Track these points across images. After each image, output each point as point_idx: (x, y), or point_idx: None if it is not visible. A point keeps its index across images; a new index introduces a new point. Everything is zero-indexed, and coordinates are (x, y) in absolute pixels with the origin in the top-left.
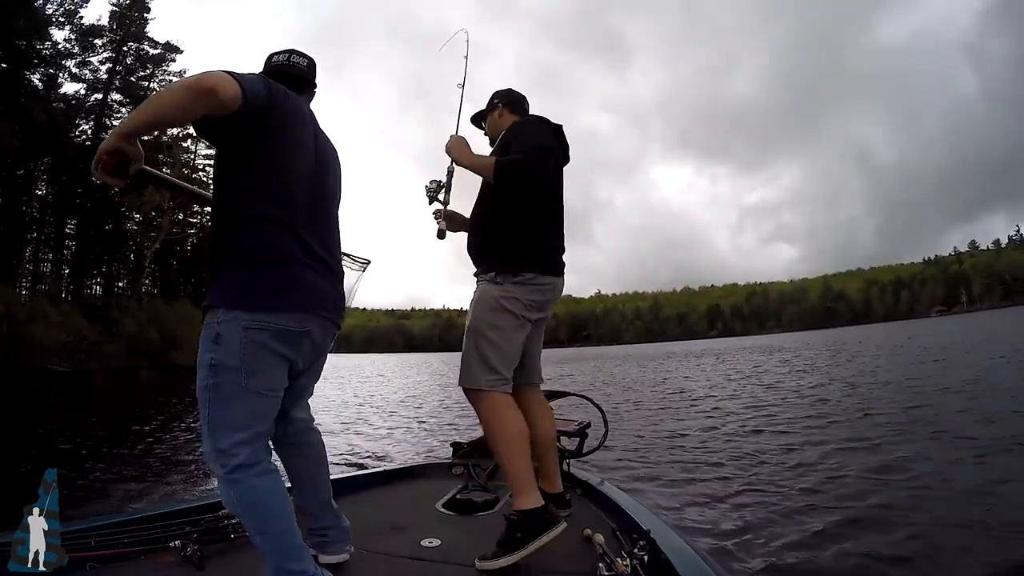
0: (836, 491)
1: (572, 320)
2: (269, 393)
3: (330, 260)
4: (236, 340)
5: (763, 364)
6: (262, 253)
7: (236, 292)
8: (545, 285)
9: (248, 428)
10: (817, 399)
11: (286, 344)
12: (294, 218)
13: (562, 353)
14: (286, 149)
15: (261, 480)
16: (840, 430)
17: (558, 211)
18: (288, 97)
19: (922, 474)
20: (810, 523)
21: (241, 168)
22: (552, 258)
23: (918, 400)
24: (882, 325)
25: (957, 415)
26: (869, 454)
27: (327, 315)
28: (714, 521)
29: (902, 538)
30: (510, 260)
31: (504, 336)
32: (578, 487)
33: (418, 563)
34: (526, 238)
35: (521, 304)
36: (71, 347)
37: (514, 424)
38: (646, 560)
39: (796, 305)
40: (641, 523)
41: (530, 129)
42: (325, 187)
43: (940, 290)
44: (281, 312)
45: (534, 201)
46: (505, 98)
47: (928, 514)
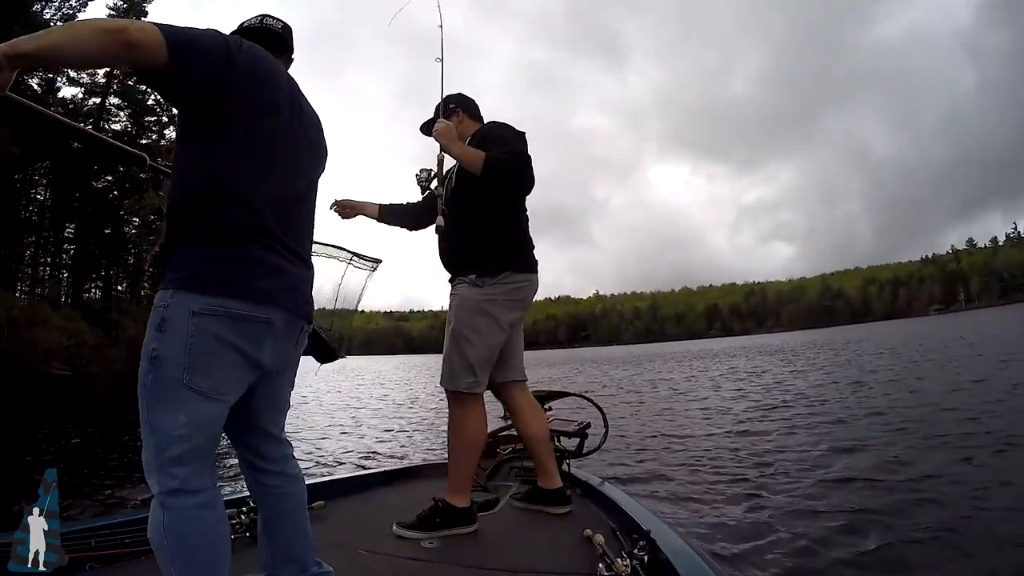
0: (836, 491)
1: (571, 321)
2: (215, 396)
3: (299, 247)
4: (183, 327)
5: (762, 364)
6: (219, 230)
7: (186, 272)
8: (522, 283)
9: (187, 440)
10: (817, 399)
11: (243, 335)
12: (258, 192)
13: (562, 354)
14: (252, 113)
15: (199, 515)
16: (841, 430)
17: (524, 208)
18: (255, 53)
19: (923, 475)
20: (810, 523)
21: (199, 133)
22: (526, 254)
23: (919, 399)
24: (881, 324)
25: (954, 415)
26: (870, 454)
27: (293, 307)
28: (714, 521)
29: (902, 538)
30: (489, 262)
31: (483, 339)
32: (578, 487)
33: (418, 563)
34: (503, 238)
35: (501, 306)
36: (72, 351)
37: (479, 429)
38: (646, 560)
39: (794, 304)
40: (641, 523)
41: (512, 134)
42: (299, 159)
43: (938, 288)
44: (239, 297)
45: (510, 201)
46: (462, 104)
47: (928, 514)
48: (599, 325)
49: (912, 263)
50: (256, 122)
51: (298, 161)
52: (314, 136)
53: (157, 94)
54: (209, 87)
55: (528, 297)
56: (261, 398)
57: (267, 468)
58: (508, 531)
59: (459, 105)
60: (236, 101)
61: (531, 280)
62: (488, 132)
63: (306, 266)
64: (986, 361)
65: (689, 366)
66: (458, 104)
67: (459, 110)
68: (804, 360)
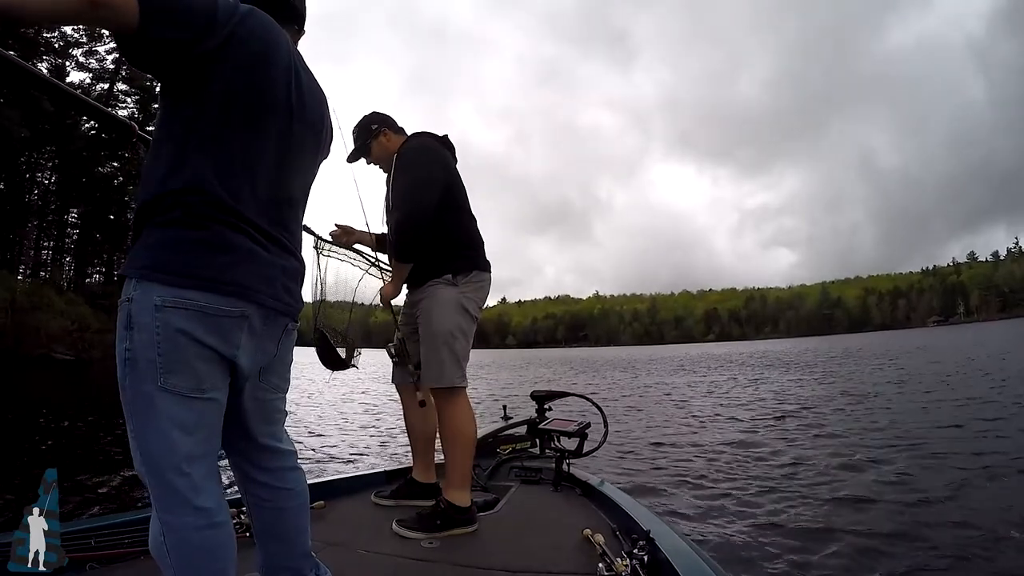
0: (836, 492)
1: (571, 320)
2: (198, 396)
3: (282, 235)
4: (149, 323)
5: (763, 370)
6: (185, 210)
7: (149, 258)
8: (485, 281)
9: (179, 448)
10: (816, 406)
11: (212, 331)
12: (237, 172)
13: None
14: (243, 85)
15: (202, 536)
16: (839, 437)
17: (470, 209)
18: (256, 20)
19: (918, 481)
20: (809, 523)
21: (179, 104)
22: (482, 253)
23: (921, 411)
24: (879, 334)
25: (961, 432)
26: (869, 456)
27: (271, 300)
28: (714, 521)
29: (902, 539)
30: (458, 260)
31: (467, 334)
32: (578, 487)
33: (418, 563)
34: (463, 241)
35: (473, 302)
36: (75, 335)
37: (472, 422)
38: (646, 560)
39: (794, 311)
40: (641, 523)
41: (410, 160)
42: (292, 140)
43: (937, 300)
44: (204, 288)
45: (449, 210)
46: (383, 121)
47: (927, 516)
48: (598, 326)
49: (912, 274)
50: (244, 97)
51: (290, 139)
52: (313, 117)
53: (127, 61)
54: (187, 53)
55: (486, 296)
56: (246, 404)
57: (258, 479)
58: (508, 531)
59: (381, 124)
60: (220, 64)
61: (488, 279)
62: (399, 158)
63: (290, 256)
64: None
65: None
66: (380, 123)
67: (383, 128)
68: (802, 368)
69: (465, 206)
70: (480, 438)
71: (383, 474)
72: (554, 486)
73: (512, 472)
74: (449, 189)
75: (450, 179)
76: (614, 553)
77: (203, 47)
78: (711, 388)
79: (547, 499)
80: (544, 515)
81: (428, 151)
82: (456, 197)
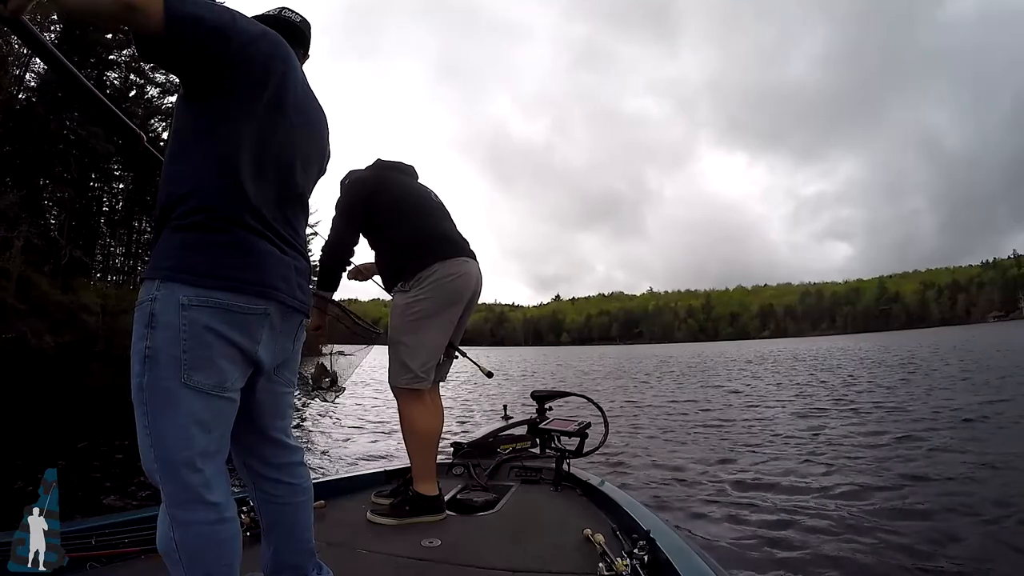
0: (836, 492)
1: (626, 317)
2: (219, 393)
3: (294, 236)
4: (174, 322)
5: (793, 367)
6: (208, 215)
7: (173, 260)
8: (439, 271)
9: (195, 444)
10: (832, 403)
11: (237, 328)
12: (251, 178)
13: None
14: (258, 92)
15: (212, 530)
16: (847, 434)
17: (425, 208)
18: (268, 38)
19: (929, 481)
20: (810, 523)
21: (197, 110)
22: (437, 246)
23: (930, 408)
24: (939, 330)
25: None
26: (872, 457)
27: (289, 298)
28: (714, 521)
29: (901, 539)
30: (402, 270)
31: (417, 338)
32: (578, 487)
33: (418, 563)
34: (407, 246)
35: (431, 300)
36: None
37: (425, 421)
38: (646, 560)
39: (850, 307)
40: (641, 523)
41: (337, 203)
42: (301, 147)
43: (998, 294)
44: (230, 288)
45: (391, 225)
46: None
47: (927, 519)
48: (652, 323)
49: (972, 267)
50: (257, 107)
51: (297, 148)
52: (316, 128)
53: (145, 60)
54: (205, 60)
55: (457, 280)
56: (260, 398)
57: (267, 475)
58: (508, 531)
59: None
60: (238, 79)
61: (458, 263)
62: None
63: (300, 256)
64: None
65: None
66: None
67: None
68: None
69: (412, 211)
70: (480, 438)
71: (382, 474)
72: (554, 486)
73: (512, 472)
74: (381, 207)
75: (381, 196)
76: (614, 553)
77: (221, 56)
78: (722, 387)
79: (547, 499)
80: (544, 515)
81: (350, 185)
82: (398, 208)
